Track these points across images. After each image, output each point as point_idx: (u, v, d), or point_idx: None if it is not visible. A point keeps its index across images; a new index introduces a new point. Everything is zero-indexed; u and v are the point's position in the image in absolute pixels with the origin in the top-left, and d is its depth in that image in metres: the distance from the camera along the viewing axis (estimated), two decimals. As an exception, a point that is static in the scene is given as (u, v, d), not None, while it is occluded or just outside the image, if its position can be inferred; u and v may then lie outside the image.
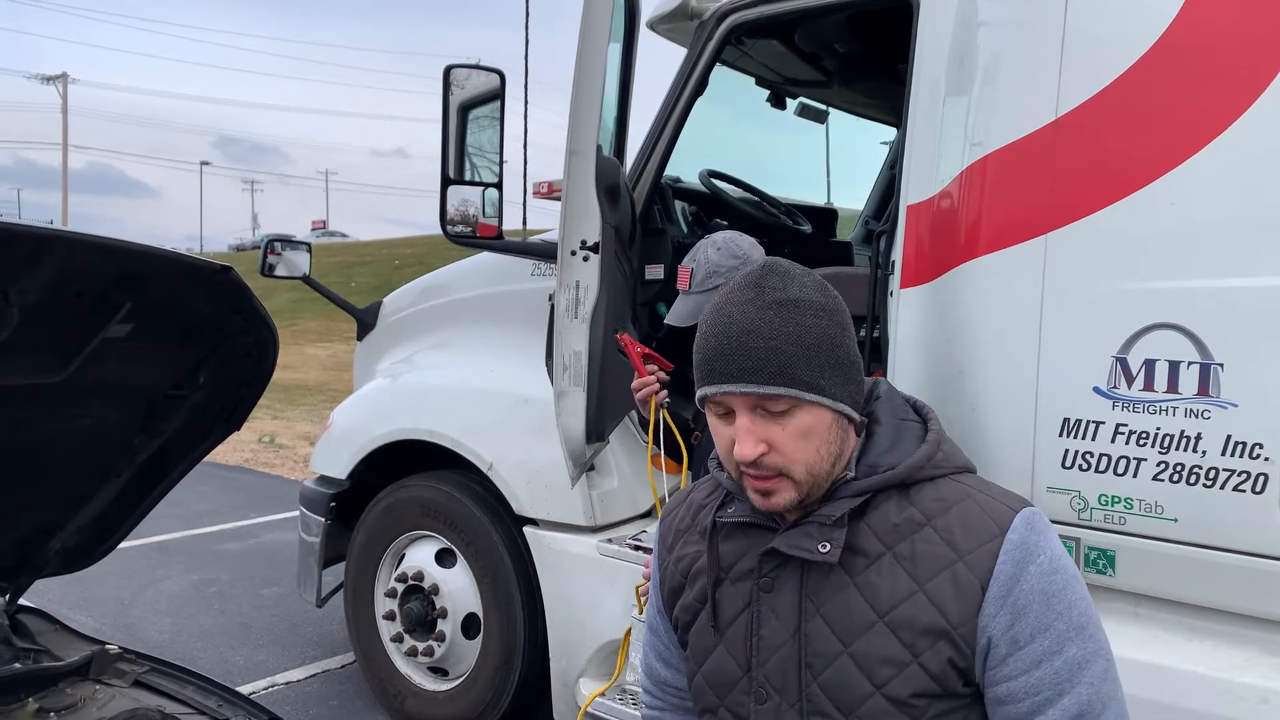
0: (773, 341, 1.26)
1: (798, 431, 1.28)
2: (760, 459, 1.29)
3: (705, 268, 2.59)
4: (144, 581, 6.22)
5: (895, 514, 1.31)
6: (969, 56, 2.79)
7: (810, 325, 1.28)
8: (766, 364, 1.26)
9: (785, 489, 1.31)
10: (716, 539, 1.42)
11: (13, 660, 2.14)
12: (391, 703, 4.26)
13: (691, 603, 1.45)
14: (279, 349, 2.17)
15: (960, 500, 1.31)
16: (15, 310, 1.68)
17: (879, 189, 5.17)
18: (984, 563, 1.25)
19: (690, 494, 1.57)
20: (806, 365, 1.26)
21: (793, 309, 1.28)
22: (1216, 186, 2.36)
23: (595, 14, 2.97)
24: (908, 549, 1.29)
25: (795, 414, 1.27)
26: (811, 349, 1.26)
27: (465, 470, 4.02)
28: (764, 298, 1.29)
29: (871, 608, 1.28)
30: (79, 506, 2.29)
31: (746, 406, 1.29)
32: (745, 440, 1.28)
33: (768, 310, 1.28)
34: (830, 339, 1.28)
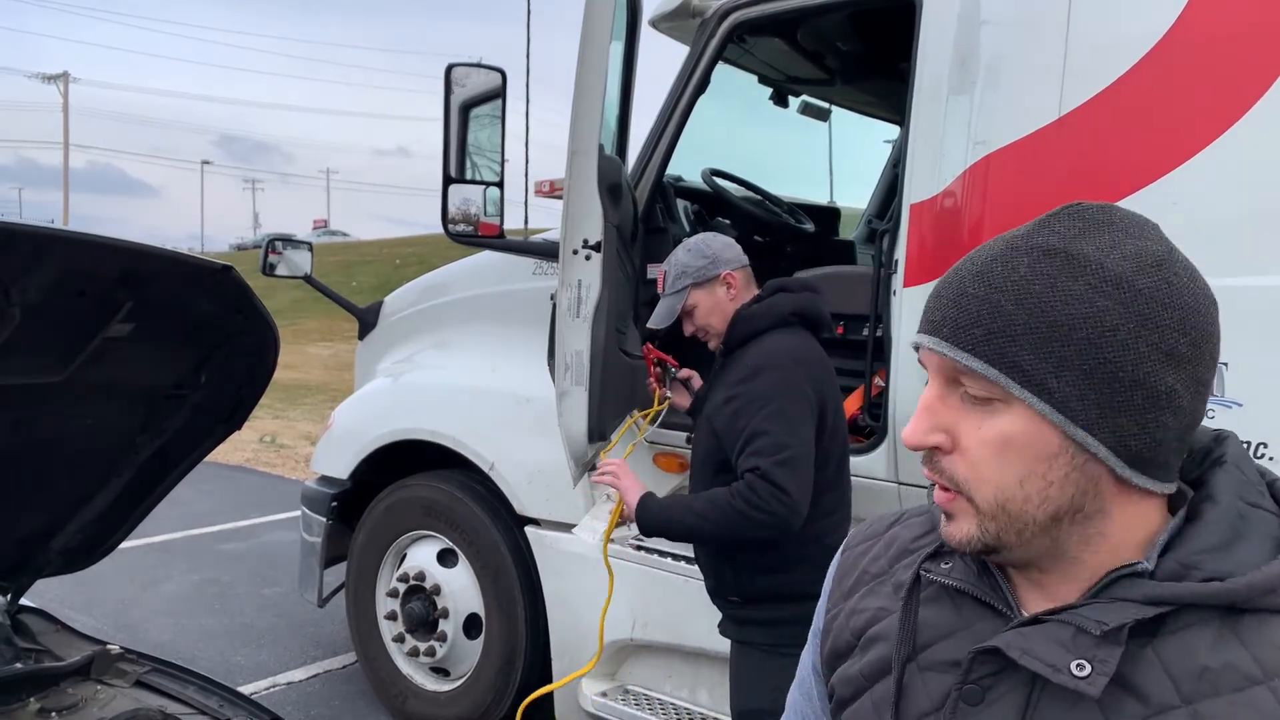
0: (1000, 295, 0.84)
1: (995, 438, 0.85)
2: (939, 457, 0.89)
3: (676, 269, 2.60)
4: (145, 581, 6.22)
5: (1209, 652, 0.81)
6: (972, 55, 2.78)
7: (1078, 297, 0.81)
8: (977, 321, 0.84)
9: (963, 515, 0.89)
10: (915, 601, 0.98)
11: (14, 660, 2.13)
12: (393, 703, 4.26)
13: (856, 676, 1.01)
14: (280, 348, 2.16)
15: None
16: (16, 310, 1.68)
17: (882, 187, 5.16)
18: None
19: (893, 527, 1.12)
20: (1036, 348, 0.82)
21: (1064, 265, 0.83)
22: (1220, 186, 2.36)
23: (597, 12, 2.96)
24: (1220, 711, 0.80)
25: (1001, 412, 0.85)
26: (1061, 329, 0.82)
27: (467, 470, 4.02)
28: (1032, 239, 0.86)
29: None
30: (80, 506, 2.29)
31: (940, 374, 0.89)
32: (916, 420, 0.90)
33: (1026, 254, 0.85)
34: (1106, 332, 0.81)
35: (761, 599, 2.49)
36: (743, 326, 2.53)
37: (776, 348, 2.47)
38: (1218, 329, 0.84)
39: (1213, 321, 0.84)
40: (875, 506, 3.01)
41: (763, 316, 2.52)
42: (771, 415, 2.36)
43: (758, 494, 2.30)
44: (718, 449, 2.49)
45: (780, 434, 2.34)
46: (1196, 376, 0.83)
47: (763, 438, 2.34)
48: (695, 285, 2.58)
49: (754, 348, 2.49)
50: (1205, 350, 0.83)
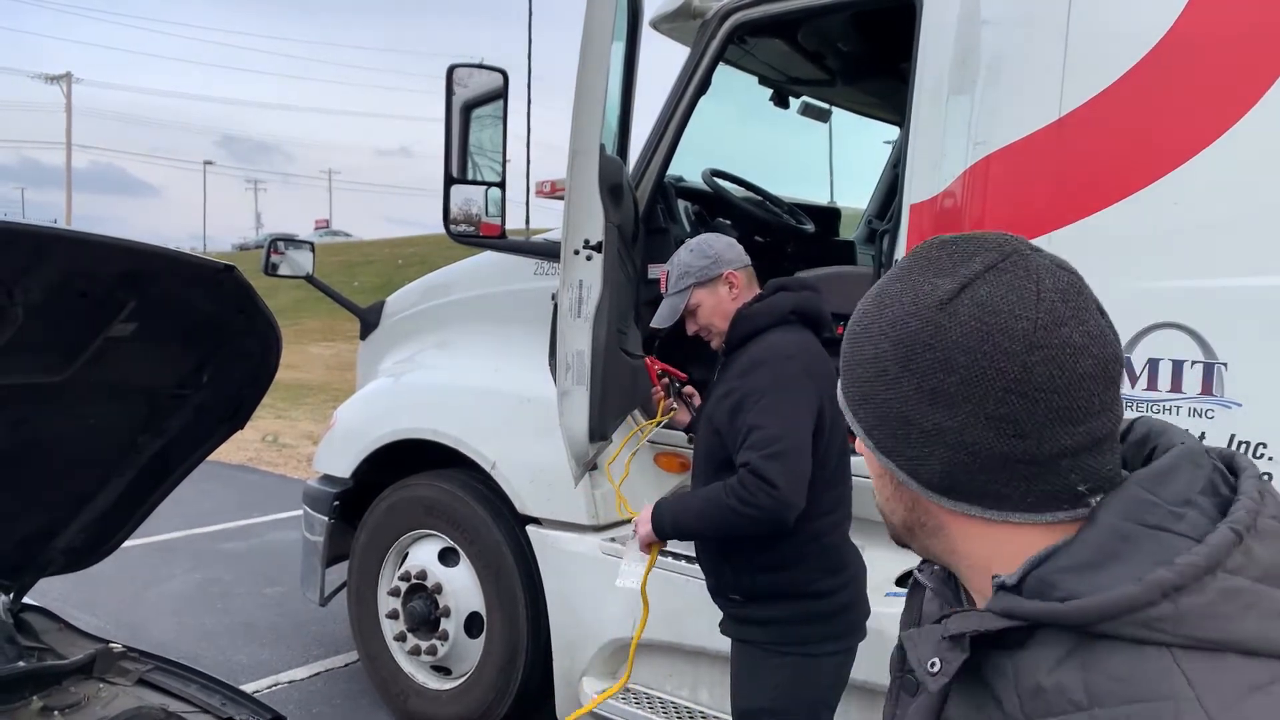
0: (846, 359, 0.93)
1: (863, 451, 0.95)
2: None
3: (678, 268, 2.61)
4: (148, 580, 6.23)
5: (1047, 672, 0.80)
6: (972, 55, 2.79)
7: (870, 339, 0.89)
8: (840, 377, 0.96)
9: None
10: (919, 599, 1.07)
11: (17, 659, 2.14)
12: (394, 701, 4.27)
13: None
14: (282, 348, 2.17)
15: (1159, 699, 0.75)
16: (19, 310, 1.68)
17: (882, 188, 5.17)
18: None
19: None
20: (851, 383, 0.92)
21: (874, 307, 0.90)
22: (1220, 186, 2.36)
23: (598, 13, 2.97)
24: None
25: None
26: (856, 368, 0.91)
27: (468, 469, 4.02)
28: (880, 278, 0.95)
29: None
30: (83, 505, 2.29)
31: None
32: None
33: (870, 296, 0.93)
34: (879, 372, 0.88)
35: (761, 597, 2.49)
36: (743, 325, 2.54)
37: (775, 344, 2.49)
38: (1024, 360, 0.80)
39: (1010, 354, 0.80)
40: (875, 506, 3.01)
41: (763, 315, 2.54)
42: (765, 409, 2.37)
43: (747, 489, 2.32)
44: (719, 447, 2.50)
45: (772, 428, 2.35)
46: (985, 411, 0.81)
47: (756, 432, 2.36)
48: (698, 285, 2.59)
49: (754, 345, 2.50)
50: (995, 386, 0.81)
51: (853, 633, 2.59)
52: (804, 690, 2.50)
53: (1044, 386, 0.80)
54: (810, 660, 2.48)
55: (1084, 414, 0.81)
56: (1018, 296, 0.82)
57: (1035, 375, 0.80)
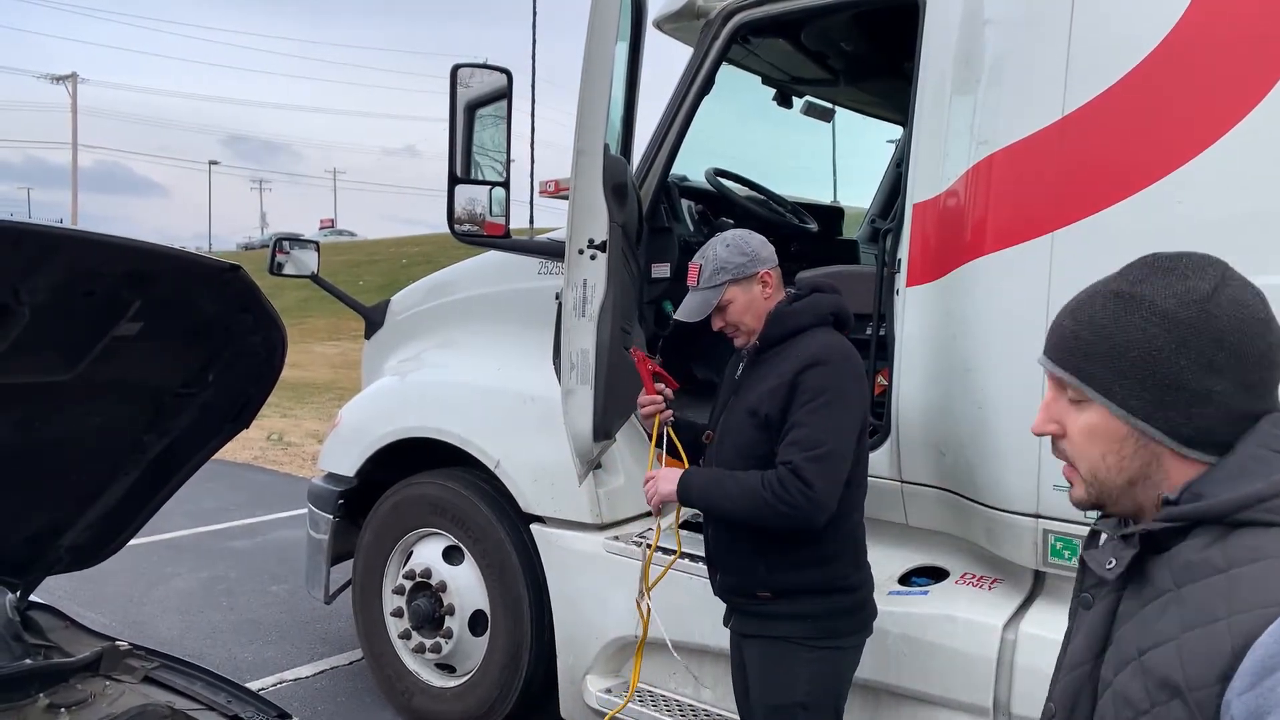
0: (1078, 327, 1.20)
1: (1085, 428, 1.21)
2: (1056, 441, 1.25)
3: (714, 264, 2.58)
4: (153, 578, 6.25)
5: (1196, 552, 1.12)
6: (975, 55, 2.79)
7: (1132, 327, 1.16)
8: (1063, 344, 1.22)
9: (1077, 483, 1.25)
10: (1091, 545, 1.34)
11: (24, 656, 2.15)
12: (399, 699, 4.28)
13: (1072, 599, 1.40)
14: (287, 347, 2.17)
15: (1270, 557, 1.07)
16: (25, 309, 1.69)
17: (885, 187, 5.17)
18: (1248, 626, 1.02)
19: None
20: (1104, 364, 1.18)
21: (1125, 304, 1.17)
22: (1223, 185, 2.36)
23: (602, 13, 2.97)
24: (1192, 594, 1.10)
25: (1086, 409, 1.21)
26: (1118, 351, 1.16)
27: (472, 468, 4.03)
28: (1109, 285, 1.21)
29: (1137, 643, 1.15)
30: (89, 504, 2.30)
31: (1051, 383, 1.26)
32: (1040, 413, 1.26)
33: (1099, 296, 1.21)
34: (1152, 352, 1.14)
35: (793, 593, 2.50)
36: (784, 323, 2.55)
37: (830, 344, 2.50)
38: (1266, 341, 1.13)
39: (1258, 335, 1.13)
40: (879, 504, 3.02)
41: (805, 314, 2.55)
42: (817, 410, 2.39)
43: (785, 488, 2.34)
44: (759, 441, 2.49)
45: (820, 430, 2.37)
46: (1243, 379, 1.13)
47: (802, 430, 2.38)
48: (734, 281, 2.57)
49: (800, 343, 2.50)
50: (1249, 359, 1.13)
51: (870, 625, 2.63)
52: (832, 683, 2.56)
53: (1277, 361, 1.14)
54: (839, 653, 2.54)
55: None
56: (1253, 295, 1.16)
57: (1275, 352, 1.14)
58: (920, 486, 3.05)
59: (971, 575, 3.06)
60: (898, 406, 2.99)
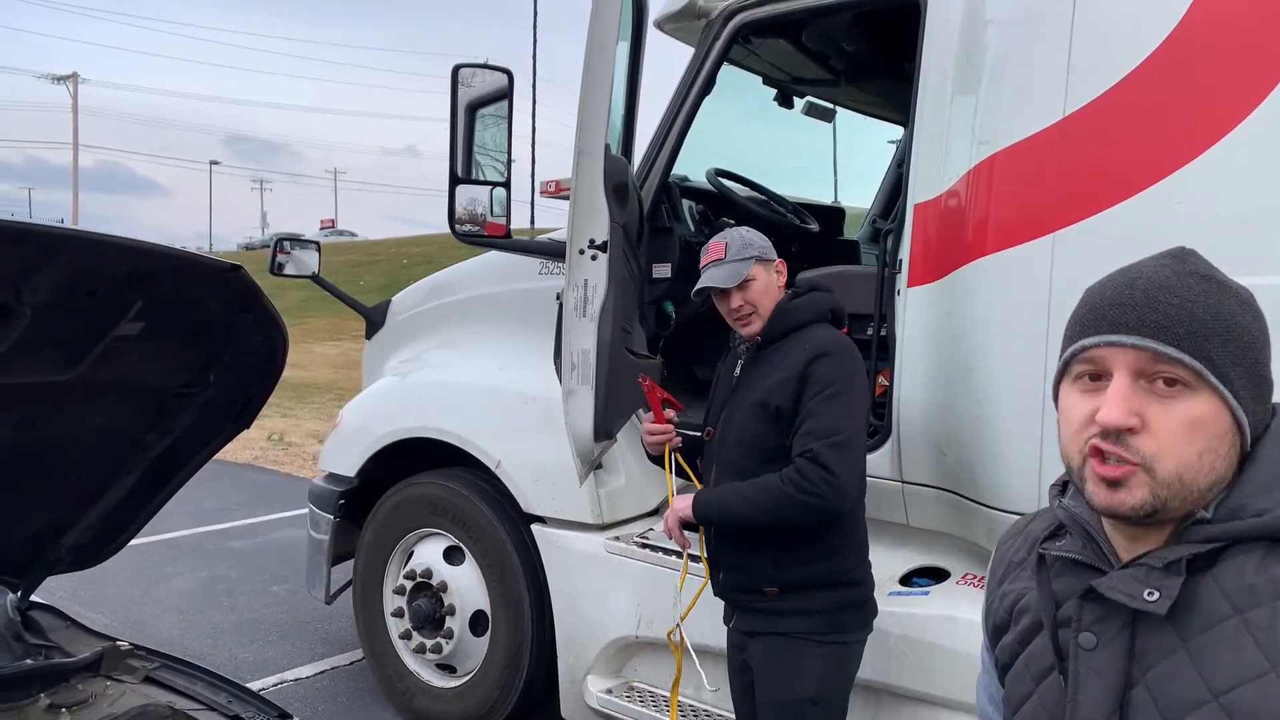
0: (1190, 304, 1.04)
1: (1186, 419, 1.03)
2: (1127, 435, 1.04)
3: (739, 240, 2.62)
4: (154, 578, 6.25)
5: (1254, 572, 1.02)
6: (976, 55, 2.79)
7: (1234, 311, 1.05)
8: (1176, 322, 1.03)
9: (1139, 485, 1.04)
10: (1046, 574, 1.19)
11: (24, 656, 2.15)
12: (399, 699, 4.28)
13: (1012, 644, 1.25)
14: (288, 347, 2.17)
15: None
16: (27, 309, 1.69)
17: (886, 187, 5.17)
18: None
19: (1029, 524, 1.34)
20: (1222, 345, 1.03)
21: (1218, 287, 1.06)
22: (1224, 185, 2.36)
23: (603, 13, 2.97)
24: (1264, 618, 0.99)
25: (1188, 397, 1.03)
26: (1233, 333, 1.04)
27: (473, 468, 4.03)
28: (1185, 266, 1.08)
29: (1203, 681, 1.02)
30: (90, 504, 2.30)
31: (1129, 369, 1.05)
32: (1117, 404, 1.04)
33: (1189, 277, 1.07)
34: (1252, 337, 1.05)
35: (801, 588, 2.51)
36: (786, 319, 2.57)
37: (832, 337, 2.53)
38: None
39: None
40: (879, 504, 3.02)
41: (805, 310, 2.58)
42: (830, 399, 2.41)
43: (806, 477, 2.34)
44: (768, 434, 2.50)
45: (836, 417, 2.39)
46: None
47: (815, 420, 2.39)
48: (759, 260, 2.60)
49: (803, 337, 2.53)
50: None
51: (871, 623, 2.64)
52: (840, 678, 2.57)
53: None
54: (846, 648, 2.56)
55: None
56: None
57: None
58: (921, 487, 3.05)
59: (973, 576, 3.06)
60: (899, 407, 2.99)
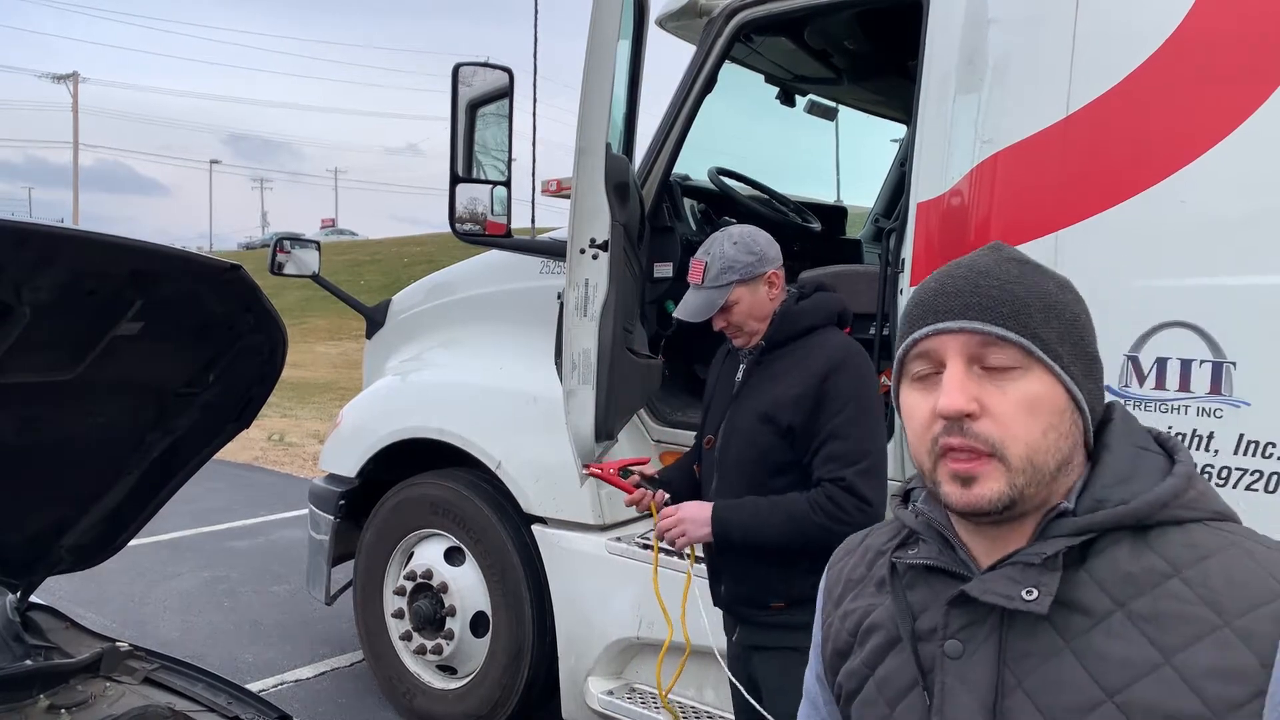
0: (1011, 285, 1.04)
1: (1023, 399, 1.01)
2: (970, 423, 1.01)
3: (720, 262, 2.49)
4: (154, 579, 6.24)
5: (1129, 561, 1.00)
6: (979, 53, 2.78)
7: (1053, 291, 1.05)
8: (1000, 303, 1.02)
9: (993, 476, 1.01)
10: (900, 586, 1.14)
11: (24, 657, 2.14)
12: (400, 700, 4.27)
13: (859, 668, 1.17)
14: (289, 347, 2.17)
15: (1223, 549, 0.98)
16: (27, 309, 1.68)
17: (889, 186, 5.16)
18: (1263, 628, 0.92)
19: (865, 539, 1.29)
20: (1045, 321, 1.02)
21: (1035, 270, 1.07)
22: (1229, 184, 2.35)
23: (604, 11, 2.97)
24: (1147, 607, 0.97)
25: (1022, 377, 1.02)
26: (1053, 309, 1.03)
27: (474, 469, 4.02)
28: (1001, 254, 1.09)
29: (1096, 683, 0.97)
30: (90, 504, 2.30)
31: (962, 355, 1.03)
32: (954, 391, 1.01)
33: (1006, 262, 1.07)
34: (1074, 315, 1.05)
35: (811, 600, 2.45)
36: (794, 322, 2.48)
37: (844, 344, 2.43)
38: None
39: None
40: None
41: (814, 313, 2.49)
42: (852, 419, 2.32)
43: (842, 508, 2.27)
44: (776, 448, 2.42)
45: (863, 440, 2.32)
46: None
47: (843, 442, 2.31)
48: (741, 281, 2.47)
49: (813, 343, 2.44)
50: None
51: None
52: None
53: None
54: None
55: None
56: None
57: None
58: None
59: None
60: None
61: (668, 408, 3.71)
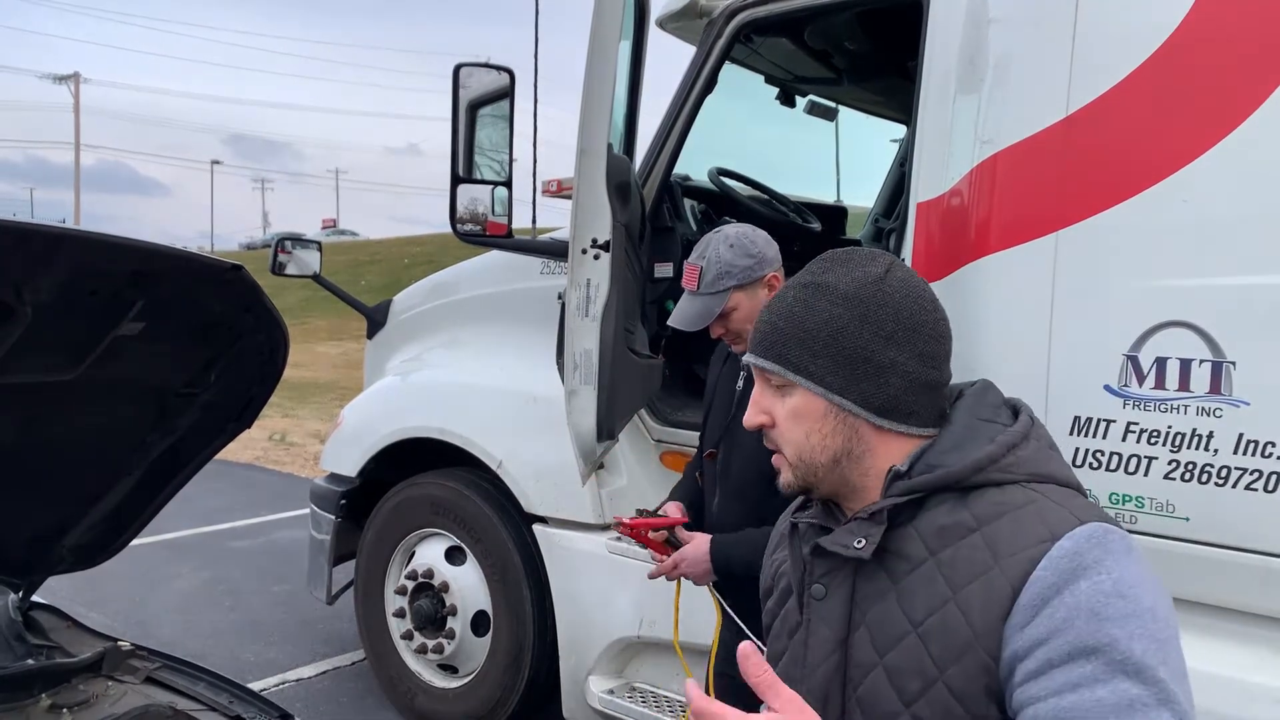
0: (775, 319, 1.29)
1: (789, 411, 1.28)
2: (764, 430, 1.31)
3: (718, 267, 2.41)
4: (156, 579, 6.25)
5: (945, 517, 1.19)
6: (979, 54, 2.78)
7: (819, 310, 1.25)
8: (765, 338, 1.29)
9: (784, 468, 1.30)
10: (798, 540, 1.36)
11: (26, 657, 2.14)
12: (401, 700, 4.27)
13: (773, 607, 1.41)
14: (290, 347, 2.17)
15: (1021, 506, 1.16)
16: (28, 309, 1.68)
17: (889, 187, 5.16)
18: (1020, 568, 1.11)
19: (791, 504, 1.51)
20: (799, 347, 1.25)
21: (812, 292, 1.27)
22: (1229, 183, 2.35)
23: (605, 12, 2.97)
24: (950, 555, 1.17)
25: (790, 393, 1.27)
26: (810, 333, 1.25)
27: (475, 468, 4.03)
28: (799, 278, 1.32)
29: (906, 617, 1.18)
30: (92, 504, 2.30)
31: (759, 377, 1.32)
32: (751, 408, 1.32)
33: (790, 290, 1.31)
34: (838, 329, 1.24)
35: None
36: None
37: None
38: (933, 316, 1.26)
39: (925, 310, 1.26)
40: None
41: None
42: None
43: None
44: None
45: None
46: (918, 349, 1.24)
47: None
48: (739, 287, 2.40)
49: None
50: (921, 331, 1.24)
51: None
52: None
53: (944, 334, 1.28)
54: None
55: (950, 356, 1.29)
56: (917, 279, 1.29)
57: (940, 326, 1.27)
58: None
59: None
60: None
61: (668, 407, 3.71)
